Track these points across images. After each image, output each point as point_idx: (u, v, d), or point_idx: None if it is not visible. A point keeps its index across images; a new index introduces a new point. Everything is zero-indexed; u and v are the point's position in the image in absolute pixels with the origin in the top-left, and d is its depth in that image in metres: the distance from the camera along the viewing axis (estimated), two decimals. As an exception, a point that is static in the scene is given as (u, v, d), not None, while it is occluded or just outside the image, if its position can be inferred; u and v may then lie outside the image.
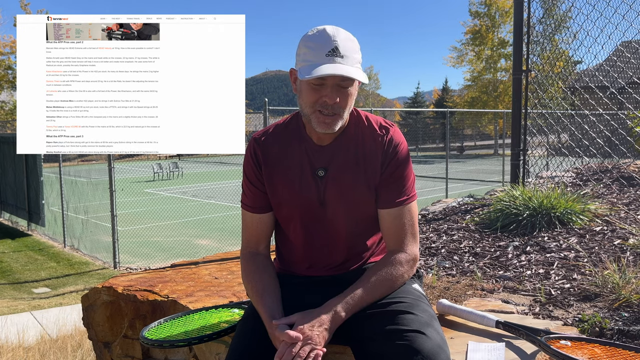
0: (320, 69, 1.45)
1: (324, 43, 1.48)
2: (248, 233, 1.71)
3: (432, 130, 44.83)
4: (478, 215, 3.47)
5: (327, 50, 1.47)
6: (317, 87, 1.50)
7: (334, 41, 1.48)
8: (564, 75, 5.39)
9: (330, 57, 1.47)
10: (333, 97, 1.49)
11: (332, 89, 1.49)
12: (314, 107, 1.52)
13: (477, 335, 1.74)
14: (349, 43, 1.50)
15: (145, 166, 31.74)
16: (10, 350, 5.09)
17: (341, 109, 1.52)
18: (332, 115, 1.51)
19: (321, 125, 1.53)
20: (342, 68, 1.46)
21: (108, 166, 9.92)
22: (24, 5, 23.39)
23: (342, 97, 1.51)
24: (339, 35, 1.49)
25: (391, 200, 1.60)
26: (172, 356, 2.28)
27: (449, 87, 62.45)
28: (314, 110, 1.52)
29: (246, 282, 1.66)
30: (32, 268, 10.50)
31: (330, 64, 1.46)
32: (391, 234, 1.61)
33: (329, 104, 1.49)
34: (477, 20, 38.18)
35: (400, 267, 1.56)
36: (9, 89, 24.72)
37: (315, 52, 1.48)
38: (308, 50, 1.50)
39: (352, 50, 1.50)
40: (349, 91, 1.52)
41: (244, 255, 1.70)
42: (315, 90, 1.50)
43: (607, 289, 2.07)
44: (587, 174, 4.73)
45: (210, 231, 13.47)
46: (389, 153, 1.61)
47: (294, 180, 1.63)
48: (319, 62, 1.47)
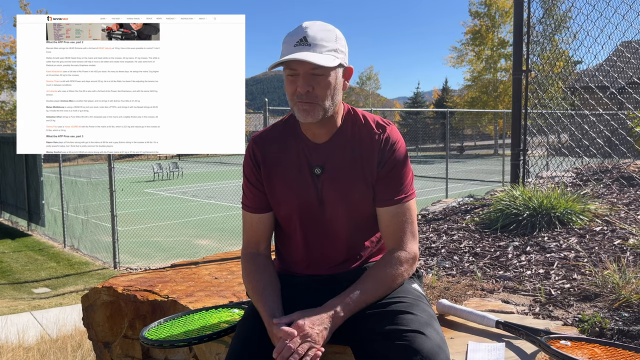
0: (285, 57, 1.47)
1: (295, 35, 1.51)
2: (248, 234, 1.71)
3: (432, 130, 44.84)
4: (478, 215, 3.47)
5: (296, 40, 1.50)
6: (292, 78, 1.52)
7: (305, 31, 1.50)
8: (564, 75, 5.40)
9: (297, 46, 1.49)
10: (304, 86, 1.50)
11: (303, 79, 1.50)
12: (293, 98, 1.54)
13: (477, 335, 1.74)
14: (321, 33, 1.51)
15: (145, 166, 31.74)
16: (10, 351, 5.09)
17: (317, 98, 1.52)
18: (309, 103, 1.52)
19: (300, 113, 1.54)
20: (303, 54, 1.46)
21: (108, 166, 9.92)
22: (24, 5, 23.39)
23: (317, 86, 1.51)
24: (312, 26, 1.51)
25: (389, 198, 1.60)
26: (172, 356, 2.28)
27: (449, 87, 62.48)
28: (295, 102, 1.54)
29: (247, 282, 1.66)
30: (32, 268, 10.50)
31: (293, 53, 1.47)
32: (390, 232, 1.61)
33: (301, 92, 1.51)
34: (477, 20, 38.17)
35: (400, 266, 1.56)
36: (9, 89, 24.72)
37: (288, 44, 1.51)
38: (284, 45, 1.53)
39: (324, 39, 1.51)
40: (325, 79, 1.51)
41: (244, 255, 1.70)
42: (291, 82, 1.52)
43: (607, 289, 2.07)
44: (587, 174, 4.73)
45: (210, 231, 13.47)
46: (386, 151, 1.61)
47: (291, 179, 1.63)
48: (286, 53, 1.49)
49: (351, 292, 1.49)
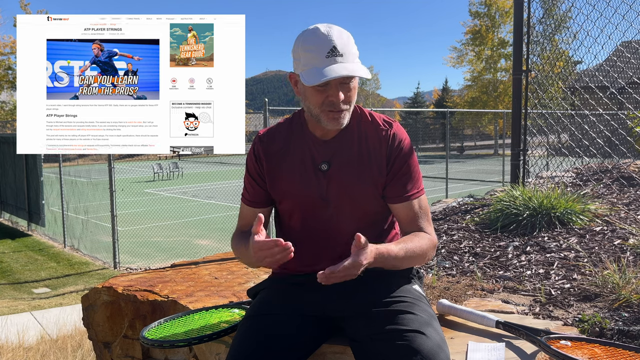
0: (325, 72, 1.47)
1: (322, 44, 1.49)
2: (242, 223, 1.76)
3: (432, 130, 44.81)
4: (478, 215, 3.47)
5: (325, 51, 1.49)
6: (322, 88, 1.52)
7: (331, 40, 1.49)
8: (564, 75, 5.39)
9: (330, 57, 1.48)
10: (338, 96, 1.52)
11: (336, 88, 1.52)
12: (322, 107, 1.55)
13: (477, 335, 1.74)
14: (344, 39, 1.52)
15: (145, 166, 31.73)
16: (10, 351, 5.09)
17: (348, 103, 1.57)
18: (340, 111, 1.55)
19: (332, 122, 1.56)
20: (346, 67, 1.49)
21: (108, 166, 9.91)
22: (24, 5, 23.39)
23: (346, 92, 1.54)
24: (333, 33, 1.51)
25: (404, 194, 1.63)
26: (172, 356, 2.28)
27: (449, 87, 62.47)
28: (322, 110, 1.55)
29: (235, 249, 1.69)
30: (32, 268, 10.50)
31: (333, 65, 1.48)
32: (408, 222, 1.64)
33: (335, 102, 1.52)
34: (477, 21, 38.18)
35: (428, 242, 1.60)
36: (9, 89, 24.72)
37: (315, 54, 1.49)
38: (307, 54, 1.51)
39: (349, 45, 1.52)
40: (352, 85, 1.55)
41: (234, 234, 1.73)
42: (321, 92, 1.53)
43: (607, 289, 2.07)
44: (587, 174, 4.73)
45: (210, 231, 13.47)
46: (394, 148, 1.63)
47: (296, 175, 1.64)
48: (320, 65, 1.48)
49: (388, 247, 1.50)
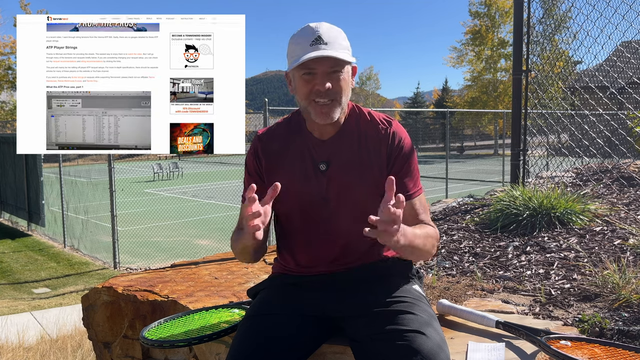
0: (305, 57, 1.48)
1: (308, 35, 1.52)
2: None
3: (432, 130, 44.79)
4: (478, 215, 3.47)
5: (310, 40, 1.51)
6: (308, 77, 1.53)
7: (317, 31, 1.51)
8: (564, 75, 5.39)
9: (314, 45, 1.50)
10: (324, 84, 1.51)
11: (322, 77, 1.52)
12: (309, 97, 1.54)
13: (477, 335, 1.74)
14: (332, 32, 1.53)
15: (145, 166, 31.72)
16: (10, 351, 5.09)
17: (336, 94, 1.54)
18: (328, 103, 1.53)
19: (320, 116, 1.55)
20: (327, 52, 1.49)
21: (108, 166, 9.92)
22: (24, 5, 23.39)
23: (334, 83, 1.53)
24: (321, 26, 1.53)
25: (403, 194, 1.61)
26: (172, 356, 2.28)
27: (449, 87, 62.47)
28: (310, 102, 1.54)
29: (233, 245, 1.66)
30: (32, 268, 10.50)
31: (315, 51, 1.49)
32: (410, 220, 1.62)
33: (321, 90, 1.52)
34: (477, 21, 38.19)
35: (434, 231, 1.61)
36: (9, 89, 24.72)
37: (301, 45, 1.52)
38: (295, 46, 1.54)
39: (337, 37, 1.53)
40: (341, 76, 1.54)
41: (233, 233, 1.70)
42: (307, 81, 1.53)
43: (607, 289, 2.07)
44: (587, 174, 4.73)
45: (210, 231, 13.47)
46: (395, 147, 1.62)
47: (295, 174, 1.64)
48: (304, 52, 1.50)
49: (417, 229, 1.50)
